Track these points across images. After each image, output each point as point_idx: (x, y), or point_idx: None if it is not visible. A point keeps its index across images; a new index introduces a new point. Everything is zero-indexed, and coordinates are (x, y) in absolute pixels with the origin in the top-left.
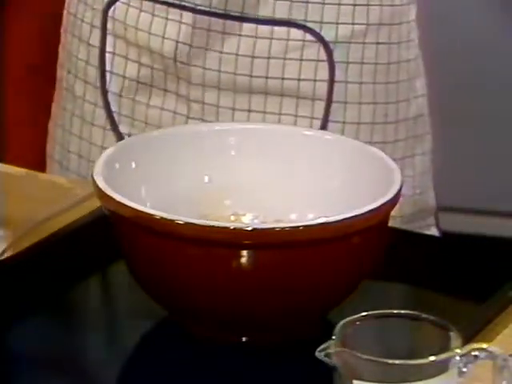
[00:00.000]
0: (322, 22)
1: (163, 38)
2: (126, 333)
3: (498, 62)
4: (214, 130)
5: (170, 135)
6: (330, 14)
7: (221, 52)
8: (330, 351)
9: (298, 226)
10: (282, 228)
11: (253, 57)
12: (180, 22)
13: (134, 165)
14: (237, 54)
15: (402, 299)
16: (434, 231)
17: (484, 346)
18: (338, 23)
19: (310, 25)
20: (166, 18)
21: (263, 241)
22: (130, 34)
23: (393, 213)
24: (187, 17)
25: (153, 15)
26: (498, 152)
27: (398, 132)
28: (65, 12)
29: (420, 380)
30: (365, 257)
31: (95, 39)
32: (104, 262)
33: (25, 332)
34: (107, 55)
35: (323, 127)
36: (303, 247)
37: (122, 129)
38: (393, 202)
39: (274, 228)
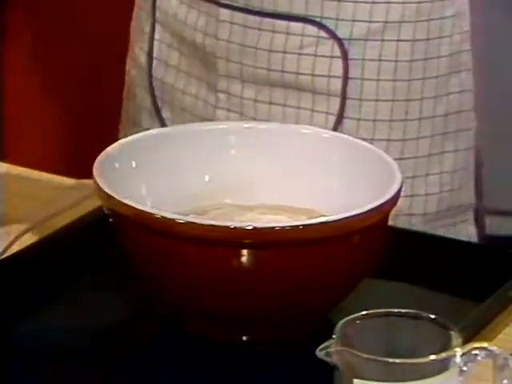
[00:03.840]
0: (337, 19)
1: (195, 29)
2: (126, 332)
3: None
4: (214, 128)
5: (170, 134)
6: (346, 11)
7: (242, 45)
8: (330, 350)
9: (298, 225)
10: (283, 227)
11: (270, 51)
12: (209, 15)
13: (134, 164)
14: (256, 48)
15: (402, 298)
16: (469, 229)
17: (484, 345)
18: (354, 20)
19: (325, 21)
20: (199, 11)
21: (264, 240)
22: (171, 23)
23: (415, 211)
24: (214, 10)
25: (188, 6)
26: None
27: (421, 129)
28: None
29: (420, 379)
30: (365, 256)
31: (148, 27)
32: (104, 261)
33: (25, 332)
34: (155, 42)
35: (338, 123)
36: (303, 246)
37: (164, 114)
38: (393, 201)
39: (274, 227)
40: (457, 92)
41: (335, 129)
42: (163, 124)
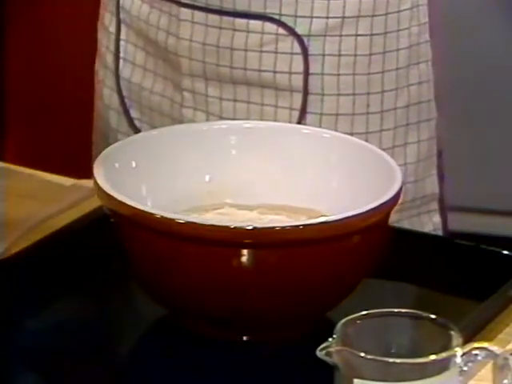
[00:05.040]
0: (296, 16)
1: (158, 28)
2: (126, 332)
3: None
4: (215, 128)
5: (170, 134)
6: (303, 8)
7: (203, 44)
8: (330, 350)
9: (299, 225)
10: (283, 227)
11: (231, 49)
12: (170, 15)
13: (134, 164)
14: (218, 46)
15: (402, 298)
16: (434, 219)
17: (484, 344)
18: (312, 17)
19: (284, 18)
20: (160, 10)
21: (263, 240)
22: (135, 23)
23: None
24: (175, 9)
25: (151, 7)
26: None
27: (383, 122)
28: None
29: (421, 379)
30: (365, 256)
31: (113, 27)
32: (104, 261)
33: (25, 332)
34: (121, 42)
35: (301, 118)
36: (303, 246)
37: (133, 113)
38: (393, 201)
39: (274, 227)
40: (416, 83)
41: (299, 124)
42: (132, 124)
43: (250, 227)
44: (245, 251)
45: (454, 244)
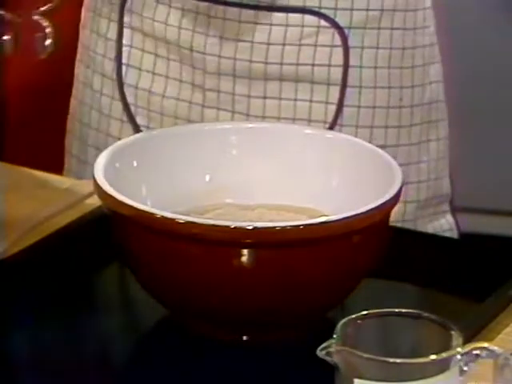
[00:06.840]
0: (336, 9)
1: (179, 28)
2: (126, 332)
3: None
4: (215, 129)
5: (170, 134)
6: (344, 0)
7: (236, 40)
8: (331, 350)
9: (299, 225)
10: (283, 227)
11: (268, 44)
12: (196, 13)
13: (134, 164)
14: (252, 42)
15: (402, 298)
16: (448, 218)
17: (485, 344)
18: (352, 9)
19: (324, 11)
20: (183, 9)
21: (264, 239)
22: (146, 26)
23: (409, 198)
24: (203, 7)
25: (169, 6)
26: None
27: (413, 116)
28: (83, 9)
29: (421, 379)
30: (366, 255)
31: (113, 33)
32: (104, 261)
33: (25, 332)
34: (124, 48)
35: (338, 112)
36: (304, 246)
37: (139, 120)
38: (394, 200)
39: (274, 227)
40: (435, 81)
41: (336, 117)
42: (138, 131)
43: (250, 227)
44: (245, 251)
45: (453, 244)
